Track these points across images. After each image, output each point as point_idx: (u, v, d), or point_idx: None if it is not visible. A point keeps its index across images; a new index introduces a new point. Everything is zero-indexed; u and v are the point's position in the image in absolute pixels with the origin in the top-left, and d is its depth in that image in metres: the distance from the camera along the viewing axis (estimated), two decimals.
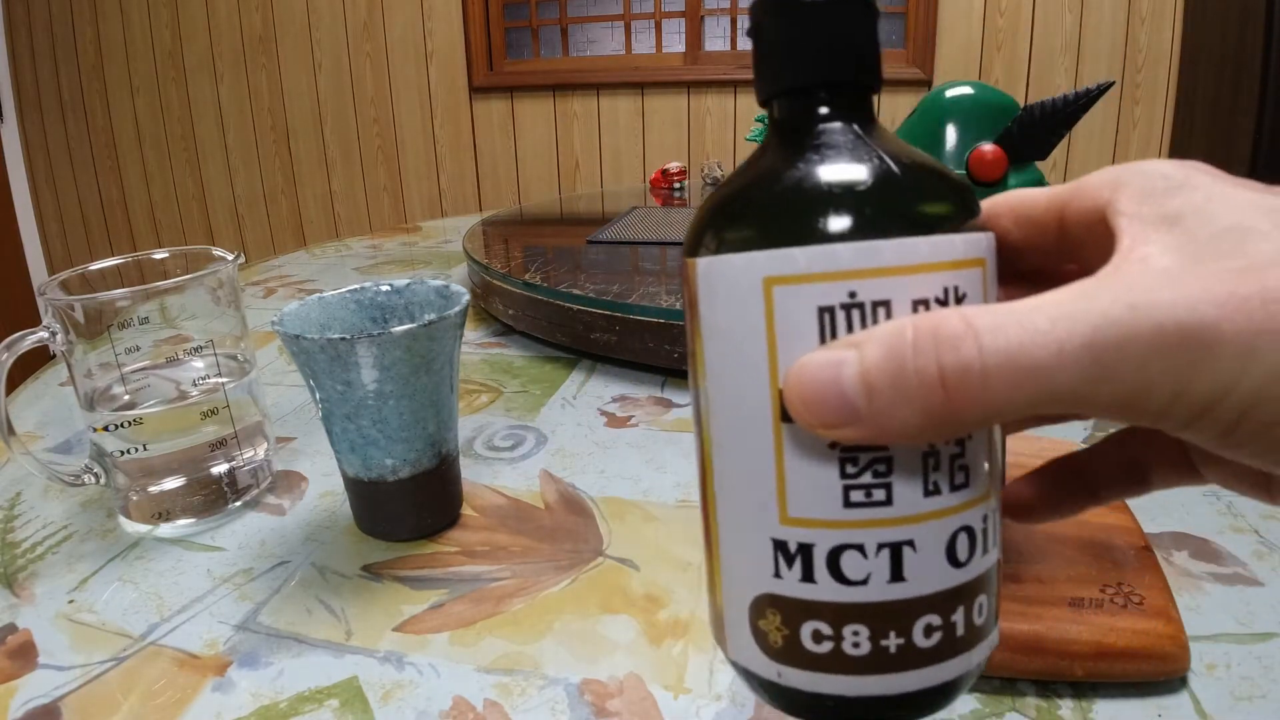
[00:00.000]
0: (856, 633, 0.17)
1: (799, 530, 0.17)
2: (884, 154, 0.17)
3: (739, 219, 0.17)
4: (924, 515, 0.16)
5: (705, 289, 0.17)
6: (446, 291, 0.41)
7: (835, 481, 0.16)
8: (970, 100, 0.34)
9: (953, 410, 0.14)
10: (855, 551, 0.16)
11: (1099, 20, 2.30)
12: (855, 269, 0.16)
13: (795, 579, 0.17)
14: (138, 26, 2.80)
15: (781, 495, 0.17)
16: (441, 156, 2.80)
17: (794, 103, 0.18)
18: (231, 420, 0.42)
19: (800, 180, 0.17)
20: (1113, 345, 0.13)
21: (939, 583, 0.17)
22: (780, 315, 0.16)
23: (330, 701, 0.30)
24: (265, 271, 0.97)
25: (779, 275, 0.16)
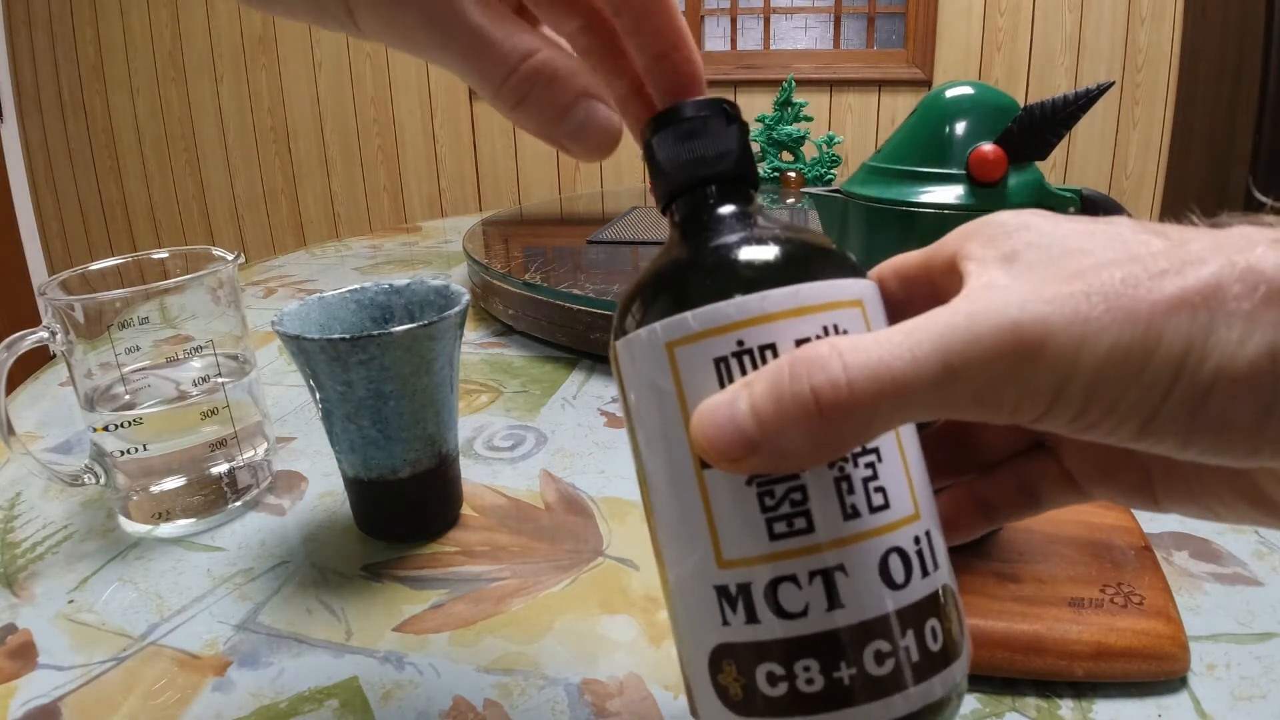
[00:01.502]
0: (808, 668, 0.17)
1: (735, 571, 0.18)
2: (762, 228, 0.20)
3: (644, 300, 0.20)
4: (848, 539, 0.17)
5: (626, 365, 0.19)
6: (446, 291, 0.41)
7: (758, 516, 0.17)
8: (970, 100, 0.34)
9: (828, 425, 0.15)
10: (790, 583, 0.17)
11: (1099, 20, 2.30)
12: (739, 320, 0.18)
13: (741, 622, 0.17)
14: (138, 26, 2.80)
15: (715, 541, 0.18)
16: (441, 156, 2.80)
17: (684, 201, 0.21)
18: (231, 420, 0.42)
19: (688, 257, 0.20)
20: (958, 349, 0.15)
21: (878, 606, 0.17)
22: (684, 372, 0.18)
23: (330, 701, 0.30)
24: (265, 271, 0.97)
25: (677, 338, 0.18)
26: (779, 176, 1.20)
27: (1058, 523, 0.35)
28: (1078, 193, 0.34)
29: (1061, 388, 0.14)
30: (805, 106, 1.19)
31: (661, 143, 0.21)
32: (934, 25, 2.38)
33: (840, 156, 1.18)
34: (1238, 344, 0.14)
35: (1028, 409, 0.15)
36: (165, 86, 2.86)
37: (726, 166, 0.21)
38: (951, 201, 0.33)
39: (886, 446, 0.18)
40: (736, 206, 0.21)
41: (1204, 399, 0.14)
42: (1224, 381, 0.14)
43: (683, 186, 0.21)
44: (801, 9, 2.57)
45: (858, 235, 0.36)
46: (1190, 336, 0.14)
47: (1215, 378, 0.14)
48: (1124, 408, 0.14)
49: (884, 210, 0.35)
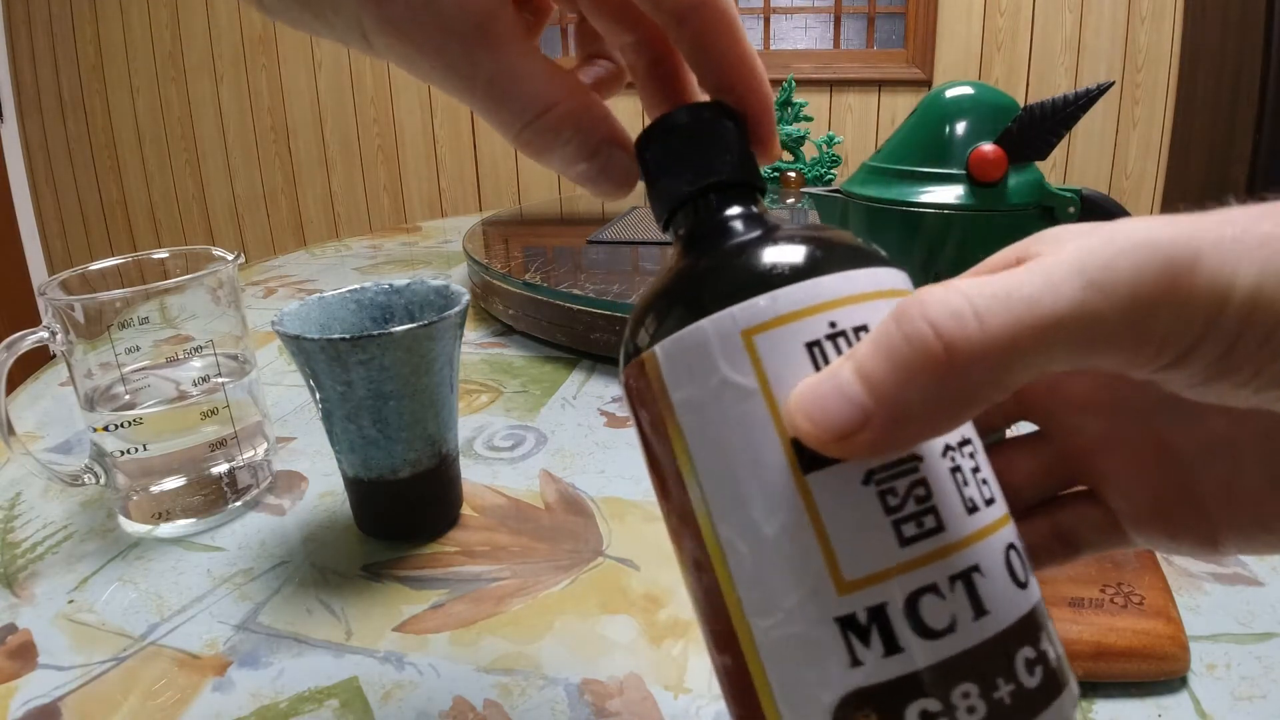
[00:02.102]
0: (967, 694, 0.14)
1: (863, 593, 0.15)
2: (797, 226, 0.18)
3: (691, 292, 0.17)
4: (975, 535, 0.15)
5: (672, 371, 0.16)
6: (446, 291, 0.41)
7: (883, 519, 0.15)
8: (970, 100, 0.34)
9: (958, 372, 0.13)
10: (931, 594, 0.15)
11: (1099, 20, 2.30)
12: (830, 299, 0.16)
13: (878, 656, 0.14)
14: (138, 26, 2.80)
15: (831, 561, 0.15)
16: (441, 156, 2.80)
17: (698, 206, 0.19)
18: (231, 420, 0.42)
19: (744, 248, 0.17)
20: (1103, 266, 0.13)
21: (1016, 608, 0.15)
22: (769, 363, 0.15)
23: (330, 701, 0.30)
24: (265, 271, 0.97)
25: (757, 324, 0.15)
26: (779, 176, 1.20)
27: None
28: (1078, 193, 0.34)
29: (1218, 312, 0.13)
30: (805, 106, 1.19)
31: (686, 145, 0.19)
32: (934, 25, 2.38)
33: (840, 156, 1.18)
34: None
35: (1178, 340, 0.13)
36: (165, 86, 2.86)
37: (747, 170, 0.19)
38: (951, 201, 0.33)
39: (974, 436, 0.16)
40: (758, 207, 0.19)
41: None
42: None
43: (728, 183, 0.19)
44: (801, 9, 2.56)
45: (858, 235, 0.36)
46: None
47: None
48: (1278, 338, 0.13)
49: (884, 210, 0.35)
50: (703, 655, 0.32)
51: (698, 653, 0.32)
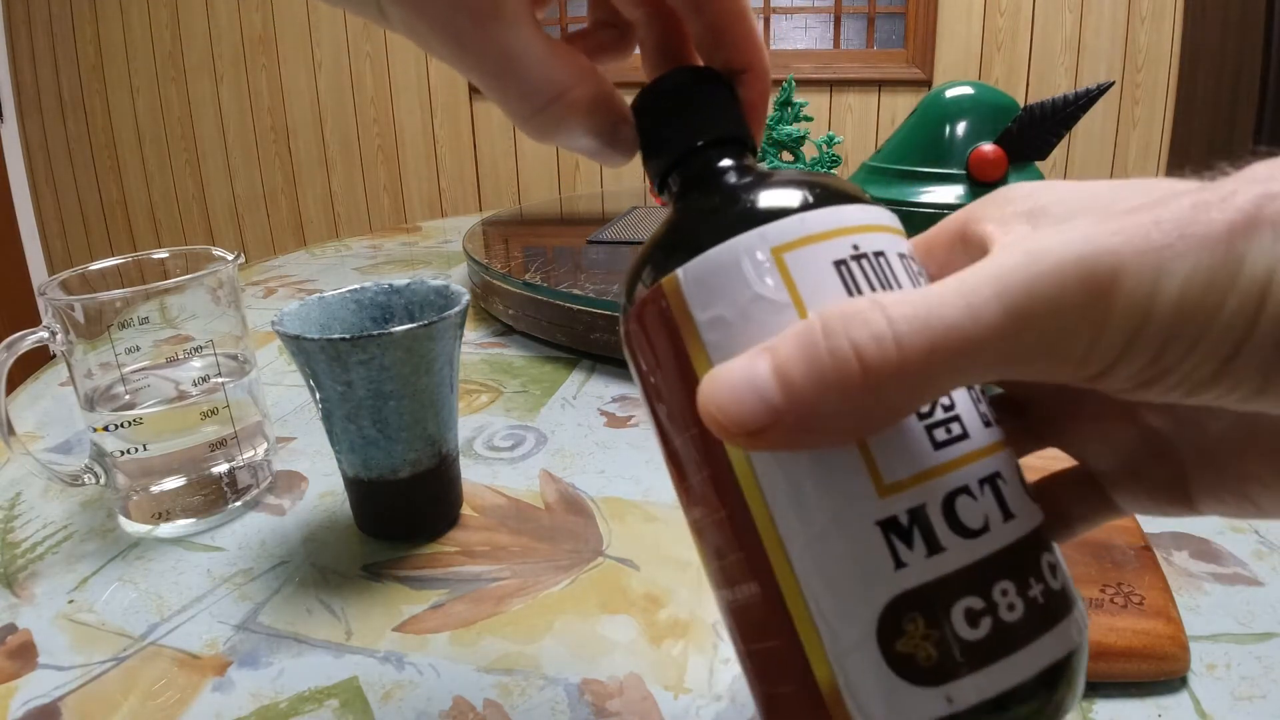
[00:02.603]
0: (1005, 591, 0.15)
1: (904, 495, 0.15)
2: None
3: (713, 220, 0.17)
4: (993, 446, 0.16)
5: (698, 292, 0.16)
6: (446, 291, 0.41)
7: (918, 426, 0.15)
8: (970, 100, 0.34)
9: (872, 386, 0.13)
10: (966, 495, 0.15)
11: (1099, 20, 2.30)
12: (851, 225, 0.16)
13: (922, 556, 0.15)
14: (138, 26, 2.80)
15: (870, 465, 0.15)
16: (441, 156, 2.80)
17: (702, 157, 0.20)
18: (231, 420, 0.42)
19: (758, 183, 0.18)
20: (1020, 289, 0.13)
21: (1031, 518, 0.16)
22: (801, 280, 0.16)
23: (330, 701, 0.30)
24: (265, 271, 0.97)
25: (788, 241, 0.16)
26: None
27: None
28: None
29: (1140, 326, 0.13)
30: (805, 106, 1.19)
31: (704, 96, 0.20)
32: (934, 25, 2.38)
33: (840, 156, 1.18)
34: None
35: (1100, 356, 0.13)
36: (165, 86, 2.86)
37: (743, 129, 0.21)
38: (951, 201, 0.33)
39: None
40: (751, 164, 0.20)
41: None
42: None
43: (728, 139, 0.20)
44: (801, 9, 2.56)
45: None
46: (1274, 256, 0.12)
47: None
48: (1206, 344, 0.13)
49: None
50: (703, 655, 0.32)
51: (698, 652, 0.32)
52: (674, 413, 0.17)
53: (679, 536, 0.40)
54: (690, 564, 0.38)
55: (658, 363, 0.17)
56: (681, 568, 0.37)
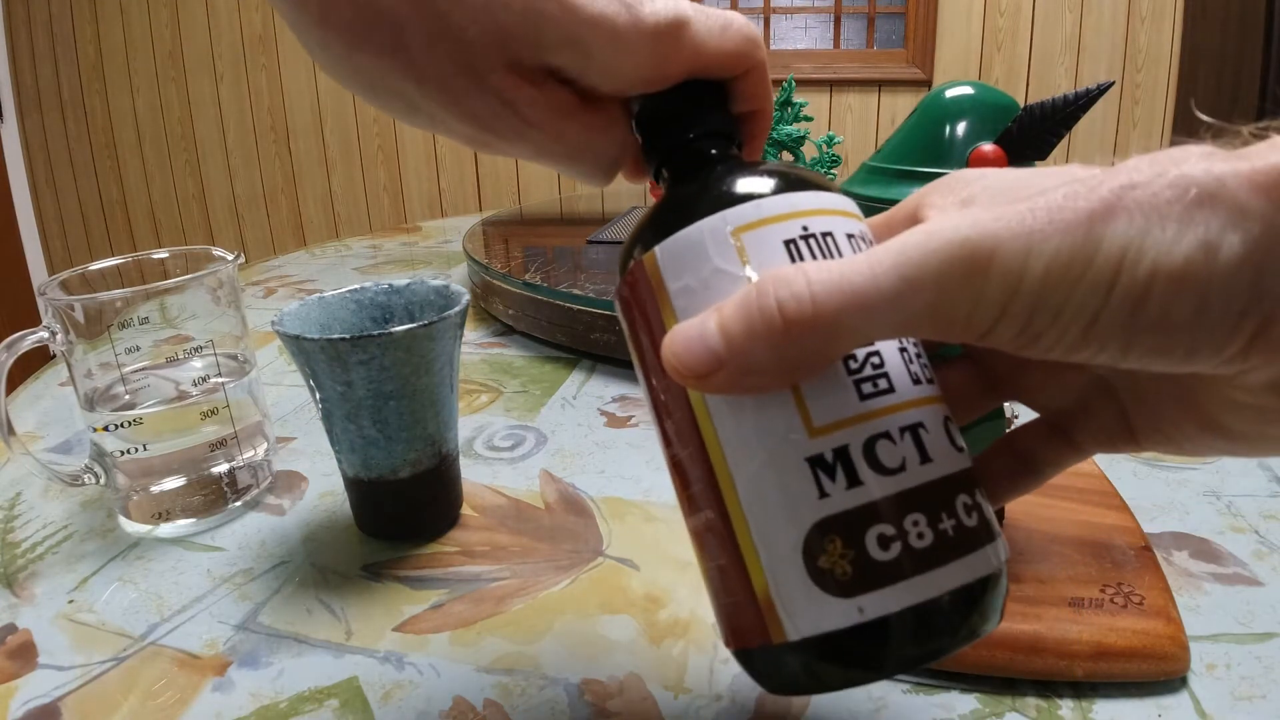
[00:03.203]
0: (916, 522, 0.17)
1: (830, 437, 0.17)
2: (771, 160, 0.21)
3: (686, 205, 0.20)
4: (921, 400, 0.18)
5: (671, 264, 0.19)
6: (446, 291, 0.41)
7: (845, 378, 0.18)
8: (970, 100, 0.34)
9: (793, 339, 0.16)
10: (885, 440, 0.17)
11: (1099, 20, 2.30)
12: (803, 209, 0.19)
13: (842, 488, 0.17)
14: (138, 26, 2.80)
15: (804, 411, 0.17)
16: (441, 156, 2.80)
17: (687, 153, 0.23)
18: (231, 420, 0.42)
19: (730, 173, 0.20)
20: (914, 263, 0.16)
21: (954, 463, 0.18)
22: (753, 254, 0.18)
23: (330, 701, 0.30)
24: (265, 271, 0.97)
25: (744, 224, 0.19)
26: None
27: (1058, 523, 0.35)
28: None
29: (1011, 296, 0.15)
30: (805, 106, 1.19)
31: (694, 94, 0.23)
32: (934, 25, 2.38)
33: (840, 156, 1.18)
34: (1171, 242, 0.14)
35: (979, 320, 0.16)
36: (165, 86, 2.86)
37: (731, 125, 0.24)
38: None
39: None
40: (735, 157, 0.24)
41: (1143, 298, 0.15)
42: (1160, 279, 0.14)
43: (711, 133, 0.23)
44: (801, 9, 2.56)
45: None
46: (1127, 238, 0.15)
47: (1152, 275, 0.14)
48: (1069, 312, 0.15)
49: (884, 210, 0.35)
50: (703, 655, 0.32)
51: (698, 653, 0.32)
52: (653, 365, 0.20)
53: (679, 536, 0.40)
54: (690, 564, 0.38)
55: (641, 323, 0.20)
56: (681, 568, 0.37)
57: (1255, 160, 0.15)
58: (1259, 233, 0.14)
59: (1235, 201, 0.14)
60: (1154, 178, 0.15)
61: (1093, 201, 0.15)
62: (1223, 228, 0.14)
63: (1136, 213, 0.15)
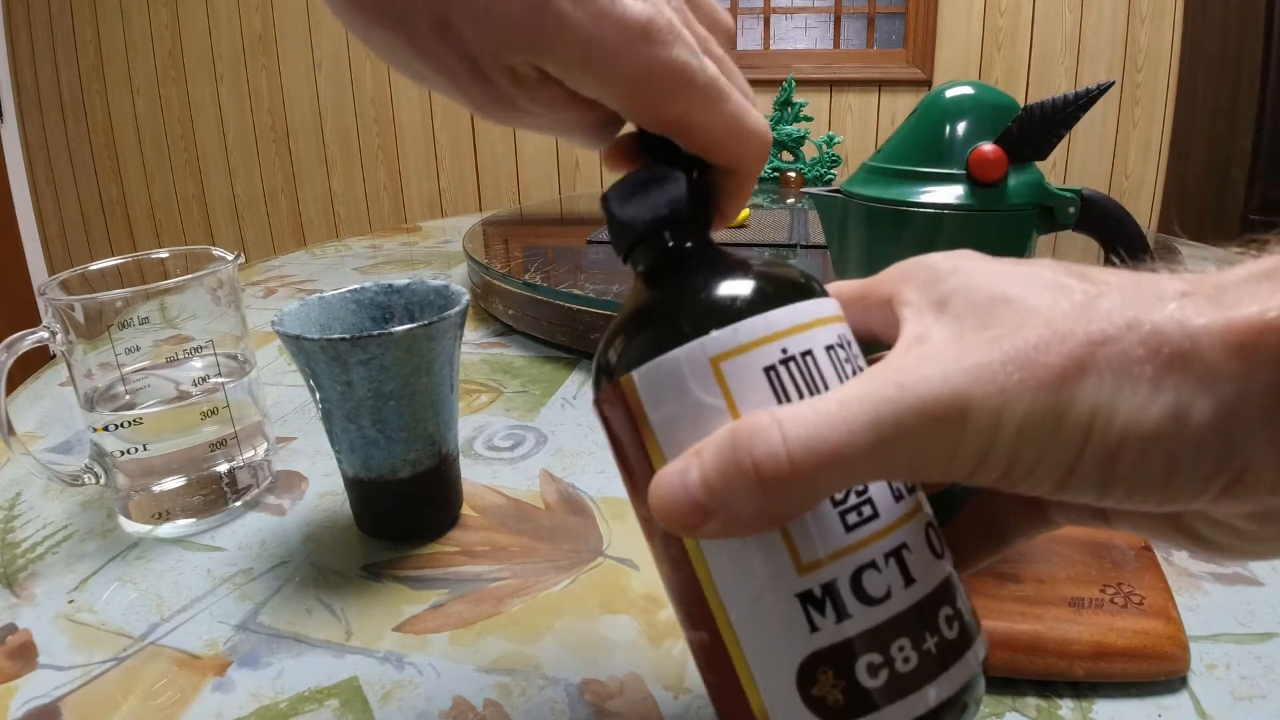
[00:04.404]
0: (902, 647, 0.18)
1: (818, 573, 0.18)
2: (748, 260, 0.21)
3: (663, 324, 0.19)
4: (903, 518, 0.19)
5: (650, 393, 0.19)
6: (446, 291, 0.41)
7: (831, 512, 0.18)
8: (970, 100, 0.34)
9: (771, 495, 0.16)
10: (871, 570, 0.18)
11: (1099, 20, 2.30)
12: (781, 330, 0.19)
13: (832, 622, 0.18)
14: (138, 26, 2.80)
15: (792, 549, 0.18)
16: (441, 156, 2.80)
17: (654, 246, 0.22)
18: (231, 420, 0.42)
19: (705, 283, 0.20)
20: (890, 422, 0.16)
21: (935, 575, 0.19)
22: (734, 385, 0.18)
23: (330, 701, 0.30)
24: (265, 271, 0.97)
25: (723, 352, 0.18)
26: (779, 177, 1.20)
27: None
28: (1078, 193, 0.34)
29: (985, 453, 0.15)
30: (805, 106, 1.19)
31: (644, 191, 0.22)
32: (934, 25, 2.38)
33: (840, 156, 1.18)
34: (1142, 407, 0.14)
35: (956, 471, 0.16)
36: (165, 86, 2.86)
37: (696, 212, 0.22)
38: (951, 201, 0.33)
39: None
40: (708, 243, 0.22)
41: (1114, 457, 0.15)
42: (1131, 441, 0.15)
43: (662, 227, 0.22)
44: (801, 9, 2.56)
45: (858, 235, 0.36)
46: (1097, 401, 0.15)
47: (1123, 438, 0.15)
48: (1043, 467, 0.15)
49: (884, 210, 0.35)
50: None
51: None
52: (639, 486, 0.20)
53: None
54: None
55: (624, 444, 0.20)
56: None
57: (1231, 311, 0.14)
58: (1230, 395, 0.14)
59: (1206, 364, 0.14)
60: (1125, 330, 0.15)
61: (1064, 358, 0.15)
62: (1194, 392, 0.14)
63: (1107, 373, 0.15)
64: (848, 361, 0.19)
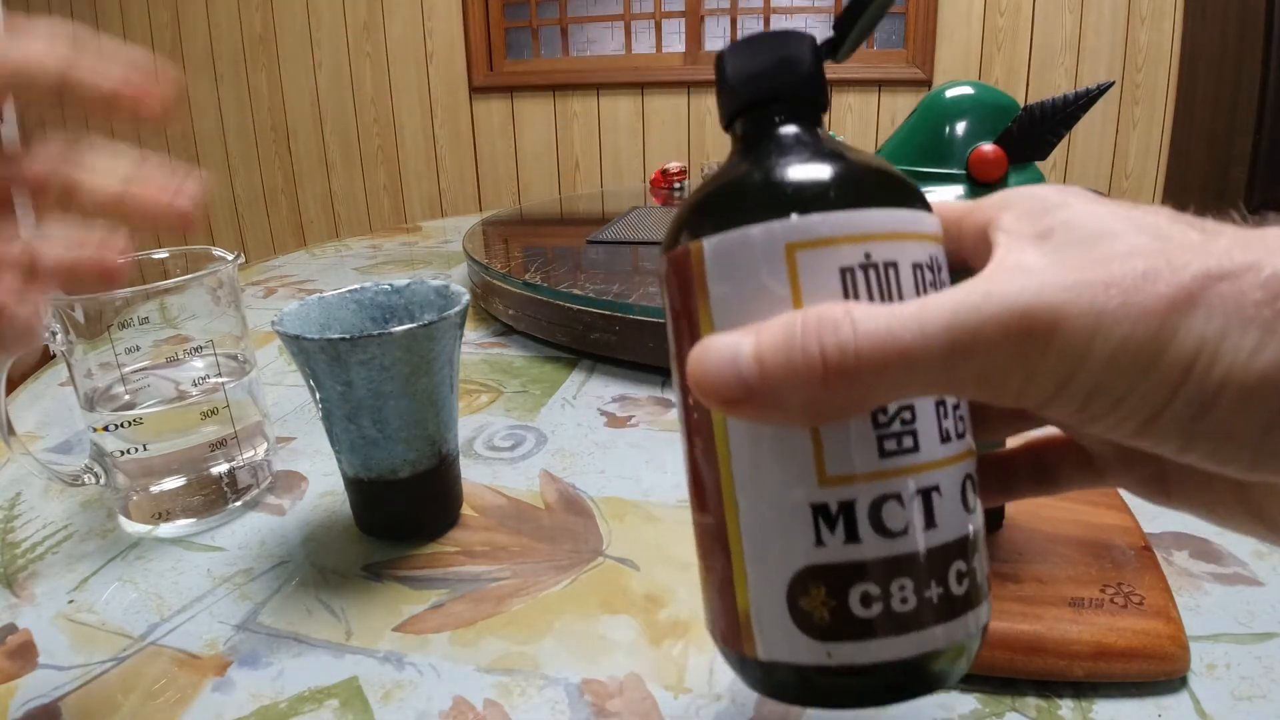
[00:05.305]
0: (903, 587, 0.17)
1: (839, 489, 0.17)
2: (856, 153, 0.19)
3: (747, 198, 0.18)
4: (944, 460, 0.17)
5: (716, 266, 0.18)
6: (446, 291, 0.41)
7: (870, 431, 0.17)
8: (970, 100, 0.34)
9: (829, 387, 0.15)
10: (894, 501, 0.17)
11: (1099, 20, 2.30)
12: (871, 233, 0.17)
13: (839, 542, 0.17)
14: (138, 26, 2.80)
15: (819, 457, 0.17)
16: (441, 156, 2.80)
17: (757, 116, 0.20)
18: (231, 420, 0.42)
19: (800, 163, 0.18)
20: (968, 327, 0.14)
21: (960, 528, 0.18)
22: (805, 278, 0.17)
23: (330, 701, 0.30)
24: (265, 271, 0.97)
25: (801, 240, 0.17)
26: None
27: (1058, 523, 0.35)
28: None
29: (1069, 377, 0.14)
30: None
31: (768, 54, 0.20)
32: (934, 25, 2.38)
33: None
34: (1251, 351, 0.13)
35: (1032, 395, 0.15)
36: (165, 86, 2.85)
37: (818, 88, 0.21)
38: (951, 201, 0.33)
39: None
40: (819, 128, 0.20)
41: (1210, 404, 0.14)
42: (1232, 389, 0.13)
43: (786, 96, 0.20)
44: (801, 9, 2.57)
45: None
46: (1203, 337, 0.13)
47: (1223, 384, 0.13)
48: (1129, 404, 0.14)
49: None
50: (703, 655, 0.32)
51: (698, 653, 0.32)
52: (683, 356, 0.19)
53: (679, 536, 0.40)
54: (690, 564, 0.37)
55: (680, 310, 0.19)
56: (682, 568, 0.37)
57: None
58: None
59: None
60: (1245, 270, 0.13)
61: (1174, 287, 0.14)
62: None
63: (1219, 310, 0.13)
64: (933, 285, 0.18)
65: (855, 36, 0.28)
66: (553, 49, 2.78)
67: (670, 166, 1.26)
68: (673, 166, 1.26)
